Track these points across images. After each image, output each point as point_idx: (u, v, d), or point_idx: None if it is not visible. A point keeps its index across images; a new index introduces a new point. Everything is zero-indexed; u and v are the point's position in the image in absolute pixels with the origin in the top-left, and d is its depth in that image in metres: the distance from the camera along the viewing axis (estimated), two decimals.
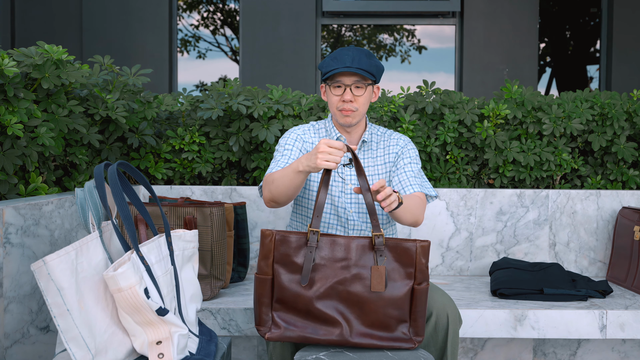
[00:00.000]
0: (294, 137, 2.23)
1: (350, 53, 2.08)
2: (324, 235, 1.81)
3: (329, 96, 2.15)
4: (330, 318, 1.78)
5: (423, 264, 1.82)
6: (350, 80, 2.09)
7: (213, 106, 2.88)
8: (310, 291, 1.78)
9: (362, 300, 1.79)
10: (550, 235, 2.89)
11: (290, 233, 1.80)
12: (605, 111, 3.04)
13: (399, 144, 2.24)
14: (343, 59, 2.08)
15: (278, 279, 1.79)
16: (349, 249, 1.81)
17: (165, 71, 5.84)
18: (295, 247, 1.80)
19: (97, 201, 1.57)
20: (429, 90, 3.12)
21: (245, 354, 2.72)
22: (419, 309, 1.81)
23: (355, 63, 2.06)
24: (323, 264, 1.80)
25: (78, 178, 2.57)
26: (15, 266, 1.77)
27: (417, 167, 2.21)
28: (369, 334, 1.79)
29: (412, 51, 6.17)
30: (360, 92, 2.11)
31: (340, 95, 2.11)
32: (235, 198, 2.86)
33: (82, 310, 1.45)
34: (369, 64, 2.09)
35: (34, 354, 1.87)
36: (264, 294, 1.79)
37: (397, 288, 1.81)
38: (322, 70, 2.13)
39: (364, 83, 2.10)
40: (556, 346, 2.75)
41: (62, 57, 2.29)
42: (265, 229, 1.80)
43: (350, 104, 2.10)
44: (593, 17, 6.20)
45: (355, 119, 2.14)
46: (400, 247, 1.82)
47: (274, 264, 1.79)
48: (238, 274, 2.67)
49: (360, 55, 2.09)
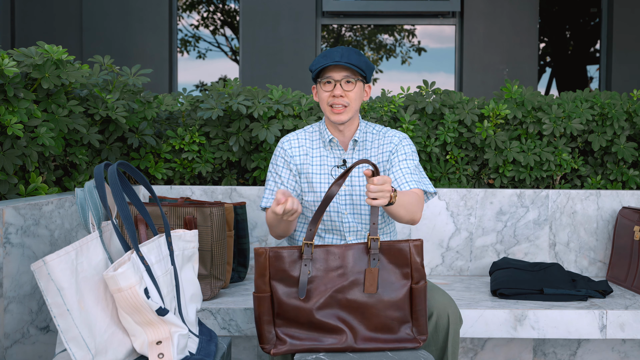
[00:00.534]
0: (282, 154, 2.24)
1: (339, 50, 2.11)
2: (318, 247, 1.82)
3: (319, 94, 2.16)
4: (334, 327, 1.79)
5: (418, 262, 1.82)
6: (340, 76, 2.10)
7: (213, 106, 2.88)
8: (309, 303, 1.79)
9: (362, 305, 1.79)
10: (550, 235, 2.89)
11: (283, 248, 1.82)
12: (605, 111, 3.04)
13: (392, 141, 2.20)
14: (332, 55, 2.09)
15: (276, 295, 1.79)
16: (344, 257, 1.82)
17: (165, 71, 5.84)
18: (289, 261, 1.81)
19: (97, 201, 1.57)
20: (429, 90, 3.12)
21: (245, 354, 2.72)
22: (420, 307, 1.81)
23: (345, 58, 2.08)
24: (320, 275, 1.80)
25: (78, 178, 2.57)
26: (15, 266, 1.76)
27: (413, 163, 2.17)
28: (373, 338, 1.79)
29: (412, 51, 6.17)
30: (350, 87, 2.11)
31: (331, 91, 2.11)
32: (235, 198, 2.86)
33: (82, 310, 1.45)
34: (359, 59, 2.10)
35: (34, 354, 1.87)
36: (264, 311, 1.80)
37: (395, 289, 1.81)
38: (312, 69, 2.14)
39: (354, 78, 2.10)
40: (556, 346, 2.75)
41: (62, 57, 2.29)
42: (258, 247, 1.81)
43: (341, 99, 2.10)
44: (593, 17, 6.20)
45: (347, 116, 2.13)
46: (394, 248, 1.83)
47: (271, 281, 1.80)
48: (238, 274, 2.67)
49: (349, 52, 2.11)
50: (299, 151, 2.24)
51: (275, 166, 2.23)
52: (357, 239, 2.18)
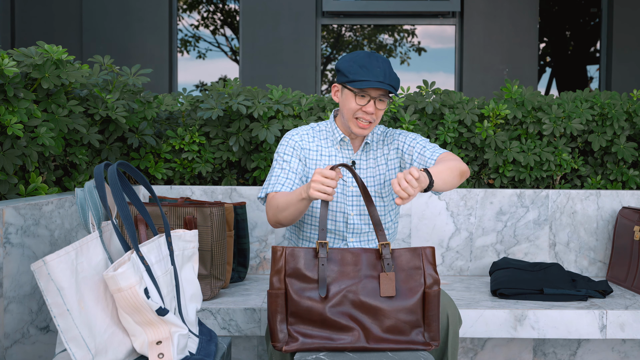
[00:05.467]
0: (292, 144, 2.18)
1: (380, 65, 2.04)
2: (333, 249, 1.85)
3: (347, 101, 2.09)
4: (346, 326, 1.80)
5: (431, 267, 1.84)
6: (377, 94, 2.05)
7: (213, 106, 2.88)
8: (323, 302, 1.80)
9: (374, 308, 1.80)
10: (550, 235, 2.89)
11: (300, 248, 1.84)
12: (605, 111, 3.04)
13: (395, 139, 2.22)
14: (375, 71, 2.02)
15: (291, 293, 1.81)
16: (358, 260, 1.84)
17: (165, 71, 5.84)
18: (305, 260, 1.82)
19: (97, 201, 1.57)
20: (429, 90, 3.12)
21: (245, 354, 2.72)
22: (432, 313, 1.82)
23: (387, 79, 2.03)
24: (334, 275, 1.83)
25: (78, 178, 2.57)
26: (15, 266, 1.77)
27: (424, 141, 2.16)
28: (385, 339, 1.81)
29: (411, 52, 6.17)
30: (382, 106, 2.08)
31: (363, 105, 2.06)
32: (235, 198, 2.86)
33: (82, 310, 1.45)
34: (396, 78, 2.06)
35: (34, 354, 1.87)
36: (277, 309, 1.81)
37: (408, 294, 1.82)
38: (347, 75, 2.05)
39: (388, 97, 2.08)
40: (556, 346, 2.75)
41: (62, 57, 2.29)
42: (275, 246, 1.83)
43: (371, 116, 2.07)
44: (593, 17, 6.20)
45: (370, 131, 2.13)
46: (407, 254, 1.84)
47: (286, 278, 1.81)
48: (238, 274, 2.67)
49: (389, 69, 2.05)
50: (311, 146, 2.20)
51: (282, 155, 2.17)
52: (360, 240, 2.18)
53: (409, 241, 2.88)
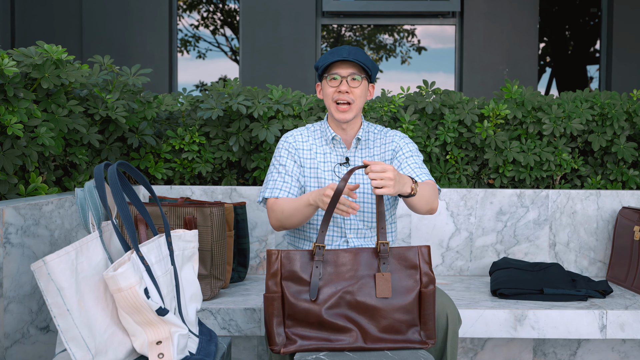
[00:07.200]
0: (286, 146, 2.23)
1: (346, 48, 2.13)
2: (329, 250, 1.85)
3: (324, 90, 2.17)
4: (343, 327, 1.81)
5: (427, 266, 1.85)
6: (347, 72, 2.12)
7: (213, 106, 2.88)
8: (319, 304, 1.81)
9: (370, 308, 1.81)
10: (550, 235, 2.89)
11: (295, 251, 1.85)
12: (605, 111, 3.04)
13: (394, 140, 2.23)
14: (340, 52, 2.12)
15: (287, 296, 1.81)
16: (355, 260, 1.85)
17: (165, 71, 5.84)
18: (301, 263, 1.84)
19: (97, 201, 1.57)
20: (429, 90, 3.12)
21: (245, 354, 2.72)
22: (428, 312, 1.83)
23: (352, 55, 2.10)
24: (330, 277, 1.83)
25: (78, 178, 2.57)
26: (15, 266, 1.76)
27: (419, 159, 2.21)
28: (382, 338, 1.82)
29: (411, 51, 6.17)
30: (355, 84, 2.12)
31: (336, 87, 2.13)
32: (235, 198, 2.86)
33: (82, 310, 1.45)
34: (365, 58, 2.13)
35: (34, 354, 1.87)
36: (274, 313, 1.81)
37: (404, 293, 1.83)
38: (318, 65, 2.16)
39: (360, 76, 2.12)
40: (556, 346, 2.75)
41: (61, 57, 2.29)
42: (270, 249, 1.83)
43: (346, 95, 2.12)
44: (593, 17, 6.20)
45: (351, 114, 2.14)
46: (403, 253, 1.85)
47: (282, 282, 1.81)
48: (238, 274, 2.67)
49: (356, 50, 2.13)
50: (304, 145, 2.24)
51: (278, 158, 2.22)
52: (358, 237, 2.19)
53: (409, 241, 2.88)
